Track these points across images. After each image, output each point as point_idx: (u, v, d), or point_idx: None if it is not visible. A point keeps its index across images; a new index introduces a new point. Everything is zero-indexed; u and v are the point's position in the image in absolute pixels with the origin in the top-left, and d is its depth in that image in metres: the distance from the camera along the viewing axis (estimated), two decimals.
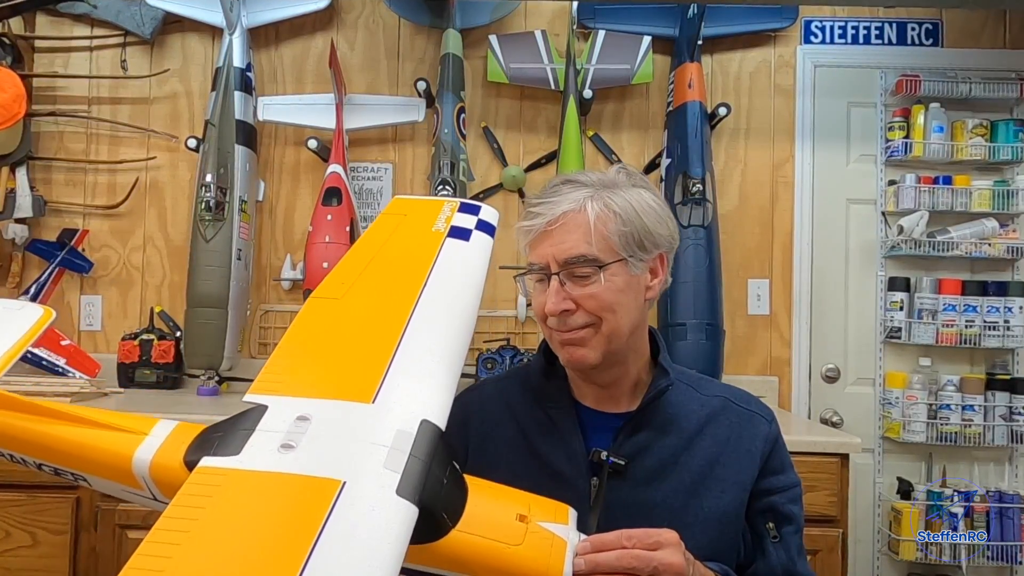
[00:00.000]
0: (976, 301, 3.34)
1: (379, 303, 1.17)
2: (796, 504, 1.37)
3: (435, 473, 0.92)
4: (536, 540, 0.99)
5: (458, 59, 3.34)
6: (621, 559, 1.02)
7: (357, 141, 3.50)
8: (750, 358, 3.49)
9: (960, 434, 3.29)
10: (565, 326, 1.29)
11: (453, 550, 0.96)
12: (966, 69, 3.48)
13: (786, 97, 3.56)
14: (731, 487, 1.32)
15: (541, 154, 3.51)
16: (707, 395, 1.41)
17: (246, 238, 3.23)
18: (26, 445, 1.08)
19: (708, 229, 3.17)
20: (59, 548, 2.65)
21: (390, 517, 0.81)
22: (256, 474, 0.84)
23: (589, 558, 1.01)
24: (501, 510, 1.01)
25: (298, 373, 1.02)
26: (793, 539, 1.34)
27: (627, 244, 1.28)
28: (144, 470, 1.01)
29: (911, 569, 3.34)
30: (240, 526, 0.78)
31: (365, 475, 0.84)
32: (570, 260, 1.27)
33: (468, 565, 0.97)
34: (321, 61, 3.53)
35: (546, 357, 1.43)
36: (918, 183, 3.40)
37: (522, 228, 1.33)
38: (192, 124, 3.53)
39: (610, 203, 1.29)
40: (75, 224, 3.48)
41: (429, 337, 1.10)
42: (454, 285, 1.22)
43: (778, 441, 1.39)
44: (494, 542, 0.97)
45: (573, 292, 1.27)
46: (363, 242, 1.29)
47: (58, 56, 3.55)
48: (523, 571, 0.97)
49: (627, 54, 3.40)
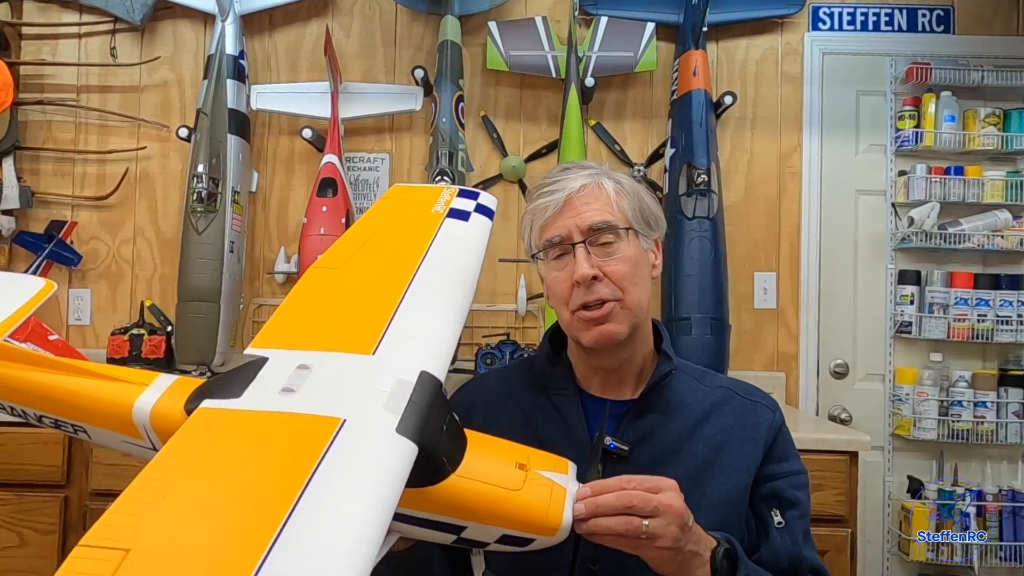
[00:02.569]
0: (988, 295, 3.32)
1: (379, 271, 1.21)
2: (801, 490, 1.37)
3: (434, 418, 0.94)
4: (535, 486, 1.02)
5: (457, 46, 3.33)
6: (621, 498, 1.03)
7: (353, 130, 3.48)
8: (756, 353, 3.48)
9: (972, 431, 3.28)
10: (593, 295, 1.30)
11: (453, 495, 0.98)
12: (978, 56, 3.46)
13: (793, 85, 3.54)
14: (735, 473, 1.34)
15: (542, 144, 3.49)
16: (710, 386, 1.44)
17: (239, 230, 3.22)
18: (28, 396, 1.10)
19: (713, 221, 3.15)
20: (47, 548, 2.65)
21: (390, 453, 0.83)
22: (255, 413, 0.87)
23: (589, 501, 1.03)
24: (500, 459, 1.04)
25: (298, 329, 1.06)
26: (798, 524, 1.34)
27: (638, 219, 1.36)
28: (145, 418, 1.04)
29: (922, 570, 3.33)
30: (236, 460, 0.80)
31: (365, 414, 0.86)
32: (595, 226, 1.32)
33: (467, 510, 0.99)
34: (316, 48, 3.51)
35: (551, 345, 1.47)
36: (929, 174, 3.39)
37: (539, 206, 1.36)
38: (183, 113, 3.51)
39: (620, 180, 1.38)
40: (63, 216, 3.47)
41: (430, 299, 1.14)
42: (454, 255, 1.26)
43: (782, 429, 1.41)
44: (493, 487, 0.99)
45: (598, 261, 1.31)
46: (362, 222, 1.33)
47: (46, 43, 3.53)
48: (522, 515, 0.99)
49: (630, 41, 3.38)
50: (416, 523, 1.01)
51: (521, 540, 1.01)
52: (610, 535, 1.03)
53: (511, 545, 1.02)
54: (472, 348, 3.27)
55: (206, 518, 0.70)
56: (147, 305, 3.38)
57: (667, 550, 1.05)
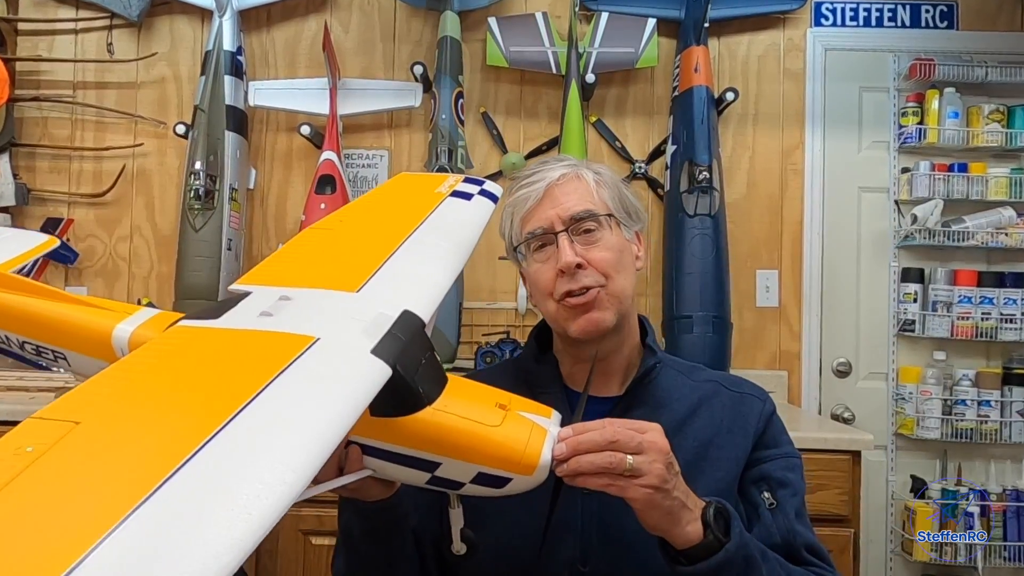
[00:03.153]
0: (992, 293, 3.31)
1: (374, 231, 1.23)
2: (793, 472, 1.35)
3: (413, 350, 0.94)
4: (514, 424, 1.01)
5: (456, 42, 3.32)
6: (604, 434, 1.02)
7: (352, 127, 3.47)
8: (758, 352, 3.47)
9: (976, 430, 3.26)
10: (576, 284, 1.30)
11: (428, 427, 0.98)
12: (982, 53, 3.45)
13: (796, 82, 3.53)
14: (725, 464, 1.33)
15: (542, 140, 3.48)
16: (698, 380, 1.43)
17: (236, 227, 3.22)
18: (13, 320, 1.15)
19: (715, 218, 3.15)
20: None
21: (360, 369, 0.84)
22: (229, 331, 0.89)
23: (571, 439, 1.01)
24: (481, 397, 1.04)
25: (285, 270, 1.09)
26: (791, 502, 1.31)
27: (619, 208, 1.37)
28: (123, 344, 1.07)
29: (925, 570, 3.32)
30: (201, 361, 0.82)
31: (341, 335, 0.88)
32: (577, 215, 1.32)
33: (443, 444, 0.98)
34: (314, 44, 3.50)
35: (538, 343, 1.47)
36: (932, 170, 3.38)
37: (519, 198, 1.37)
38: (181, 110, 3.50)
39: (600, 171, 1.40)
40: (60, 213, 3.46)
41: (421, 254, 1.16)
42: (451, 221, 1.29)
43: (772, 418, 1.40)
44: (471, 421, 0.99)
45: (581, 250, 1.31)
46: (363, 197, 1.38)
47: (42, 39, 3.52)
48: (499, 451, 0.98)
49: (631, 37, 3.37)
50: (390, 458, 1.01)
51: (497, 479, 1.00)
52: (593, 472, 1.01)
53: (486, 486, 1.01)
54: (472, 347, 3.27)
55: (160, 405, 0.72)
56: (144, 303, 3.37)
57: (654, 491, 1.03)
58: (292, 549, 2.60)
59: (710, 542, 1.09)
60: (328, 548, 2.58)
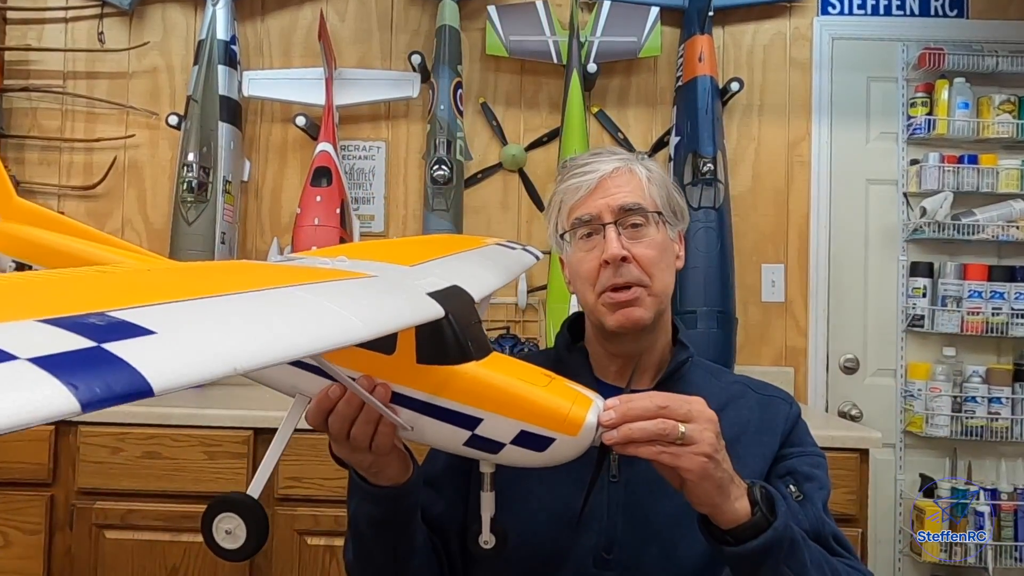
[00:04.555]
0: (1003, 287, 3.30)
1: (425, 248, 1.36)
2: (819, 469, 1.36)
3: (465, 308, 1.01)
4: (561, 388, 1.03)
5: (455, 31, 3.31)
6: (654, 399, 1.02)
7: (348, 118, 3.46)
8: (764, 348, 3.45)
9: (986, 428, 3.26)
10: (621, 277, 1.31)
11: (475, 380, 1.01)
12: (993, 42, 3.44)
13: (802, 71, 3.51)
14: (751, 462, 1.32)
15: (543, 132, 3.47)
16: (724, 383, 1.45)
17: (230, 221, 3.21)
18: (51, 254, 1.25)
19: (720, 211, 3.14)
20: (33, 549, 2.63)
21: (414, 298, 0.93)
22: (287, 266, 0.96)
23: (619, 406, 1.01)
24: (527, 367, 1.07)
25: (337, 251, 1.15)
26: (818, 494, 1.32)
27: (666, 207, 1.38)
28: None
29: (934, 571, 3.31)
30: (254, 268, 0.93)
31: (399, 278, 1.00)
32: (627, 206, 1.33)
33: (488, 398, 1.00)
34: (310, 33, 3.48)
35: (570, 332, 1.49)
36: (942, 162, 3.37)
37: (570, 186, 1.38)
38: (173, 100, 3.49)
39: (651, 168, 1.40)
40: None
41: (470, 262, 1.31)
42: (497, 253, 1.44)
43: (799, 421, 1.42)
44: (517, 379, 1.02)
45: (627, 243, 1.32)
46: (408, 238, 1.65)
47: (31, 27, 3.51)
48: (544, 408, 0.99)
49: (634, 26, 3.36)
50: (432, 412, 1.02)
51: (540, 440, 1.00)
52: (645, 439, 1.00)
53: (529, 447, 1.00)
54: None
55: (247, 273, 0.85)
56: None
57: (707, 459, 1.02)
58: (287, 549, 2.60)
59: (758, 520, 1.08)
60: (324, 548, 2.59)
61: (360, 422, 1.05)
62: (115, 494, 2.59)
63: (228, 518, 0.91)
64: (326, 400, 1.05)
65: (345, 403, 1.04)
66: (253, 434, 2.58)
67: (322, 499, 2.56)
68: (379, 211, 3.47)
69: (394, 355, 1.02)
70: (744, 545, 1.07)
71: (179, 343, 0.55)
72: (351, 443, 1.07)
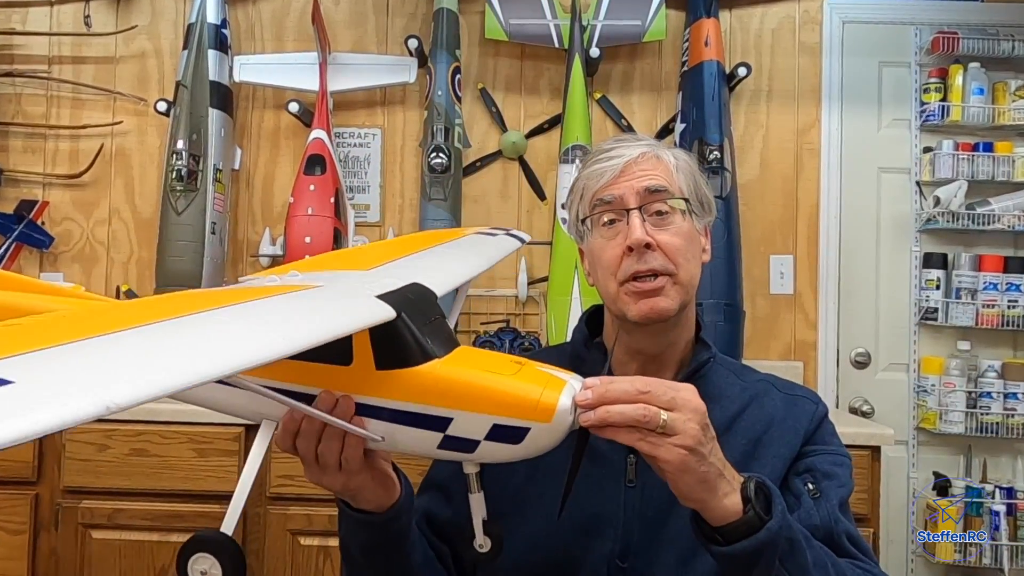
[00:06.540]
0: (1020, 279, 3.29)
1: (396, 248, 1.36)
2: (841, 468, 1.34)
3: (420, 305, 1.01)
4: (531, 373, 1.00)
5: (453, 14, 3.31)
6: (635, 383, 0.99)
7: (342, 104, 3.44)
8: (772, 341, 3.44)
9: (1002, 424, 3.25)
10: (645, 264, 1.28)
11: (438, 379, 0.98)
12: (1009, 25, 3.42)
13: (812, 56, 3.49)
14: (772, 461, 1.32)
15: (544, 118, 3.46)
16: (748, 381, 1.43)
17: (221, 210, 3.20)
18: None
19: (727, 200, 3.13)
20: (17, 549, 2.64)
21: (351, 303, 0.94)
22: (228, 290, 0.97)
23: (598, 388, 0.98)
24: (495, 356, 1.04)
25: (297, 266, 1.17)
26: (836, 492, 1.29)
27: (692, 197, 1.36)
28: None
29: (948, 572, 3.30)
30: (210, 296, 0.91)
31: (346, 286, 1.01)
32: (652, 188, 1.31)
33: (454, 396, 0.98)
34: (303, 16, 3.46)
35: (588, 327, 1.46)
36: (956, 150, 3.36)
37: (594, 171, 1.35)
38: (162, 86, 3.47)
39: (678, 156, 1.38)
40: (34, 195, 3.44)
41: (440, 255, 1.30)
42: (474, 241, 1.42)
43: (824, 421, 1.40)
44: (483, 371, 0.99)
45: (652, 230, 1.30)
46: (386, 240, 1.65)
47: (15, 11, 3.49)
48: (513, 397, 0.97)
49: (638, 9, 3.34)
50: (399, 419, 1.00)
51: (514, 432, 0.97)
52: (623, 424, 0.97)
53: (504, 442, 0.98)
54: (470, 336, 3.24)
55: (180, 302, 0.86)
56: (123, 290, 3.37)
57: (688, 452, 0.99)
58: (280, 549, 2.59)
59: (750, 519, 1.04)
60: (316, 548, 2.60)
61: (325, 438, 1.02)
62: (102, 493, 2.58)
63: (203, 558, 0.90)
64: (291, 422, 1.03)
65: (309, 422, 1.02)
66: (244, 431, 2.57)
67: (315, 498, 2.55)
68: (375, 200, 3.45)
69: (352, 365, 0.99)
70: (732, 545, 1.04)
71: (39, 389, 0.56)
72: (320, 464, 1.05)
